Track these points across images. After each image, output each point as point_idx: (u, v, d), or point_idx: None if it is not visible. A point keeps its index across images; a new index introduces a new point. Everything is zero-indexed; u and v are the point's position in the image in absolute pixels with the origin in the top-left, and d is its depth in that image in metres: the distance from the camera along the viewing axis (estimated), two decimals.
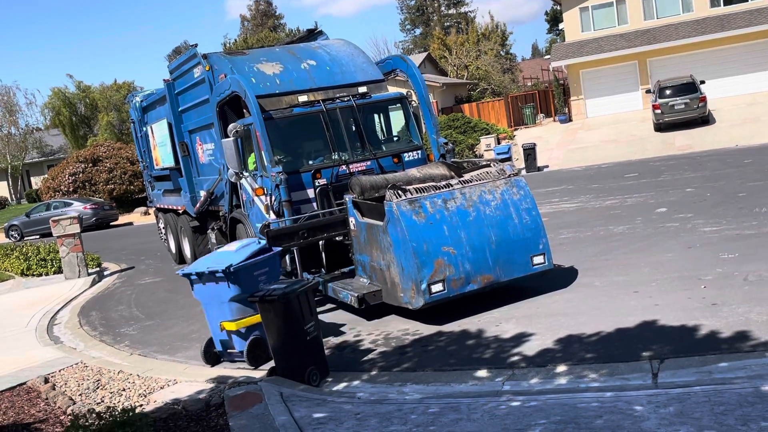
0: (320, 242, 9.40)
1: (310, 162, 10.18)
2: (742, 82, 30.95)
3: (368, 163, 10.30)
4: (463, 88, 44.47)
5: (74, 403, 6.78)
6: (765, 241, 9.43)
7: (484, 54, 48.57)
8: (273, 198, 9.64)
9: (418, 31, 70.48)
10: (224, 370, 7.56)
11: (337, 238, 9.51)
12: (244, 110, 10.71)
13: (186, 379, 7.32)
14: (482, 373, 6.51)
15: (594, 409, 5.11)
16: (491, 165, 9.18)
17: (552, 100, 37.20)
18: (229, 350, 7.65)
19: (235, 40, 58.86)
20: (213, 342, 7.79)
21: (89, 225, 28.99)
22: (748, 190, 13.61)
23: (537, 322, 7.61)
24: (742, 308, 6.94)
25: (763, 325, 6.43)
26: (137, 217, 34.14)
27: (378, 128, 11.19)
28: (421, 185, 8.55)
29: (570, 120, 33.89)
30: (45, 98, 57.64)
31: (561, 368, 6.30)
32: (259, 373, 7.13)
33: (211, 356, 7.80)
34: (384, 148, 10.79)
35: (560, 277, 9.31)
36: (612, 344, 6.68)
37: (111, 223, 31.66)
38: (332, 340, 8.20)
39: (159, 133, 14.39)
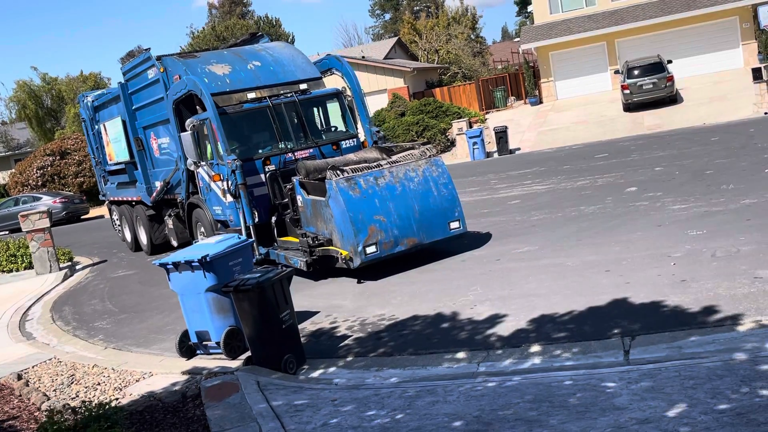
0: (272, 219, 11.04)
1: (260, 151, 11.45)
2: (709, 61, 31.31)
3: (311, 150, 11.71)
4: (434, 72, 44.44)
5: (48, 399, 6.72)
6: (732, 218, 9.60)
7: (454, 38, 48.58)
8: (229, 182, 10.75)
9: (387, 16, 70.25)
10: (200, 361, 7.53)
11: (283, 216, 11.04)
12: (198, 107, 11.94)
13: (162, 372, 7.29)
14: (458, 355, 6.57)
15: (568, 387, 5.19)
16: (415, 148, 10.80)
17: (522, 82, 37.35)
18: (204, 341, 7.62)
19: (203, 28, 58.17)
20: (188, 334, 7.75)
21: (59, 219, 28.59)
22: (715, 167, 13.83)
23: (511, 303, 7.69)
24: (711, 284, 7.07)
25: (730, 299, 6.56)
26: (107, 210, 33.69)
27: (318, 120, 12.51)
28: (356, 166, 10.07)
29: (540, 102, 34.06)
30: (10, 92, 56.49)
31: (535, 348, 6.38)
32: (235, 364, 7.12)
33: (187, 348, 7.77)
34: (324, 137, 12.20)
35: (533, 258, 9.41)
36: (584, 323, 6.77)
37: (82, 217, 31.26)
38: (308, 328, 8.21)
39: (113, 130, 15.64)
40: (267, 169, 11.21)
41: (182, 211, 13.41)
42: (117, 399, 6.53)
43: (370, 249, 9.52)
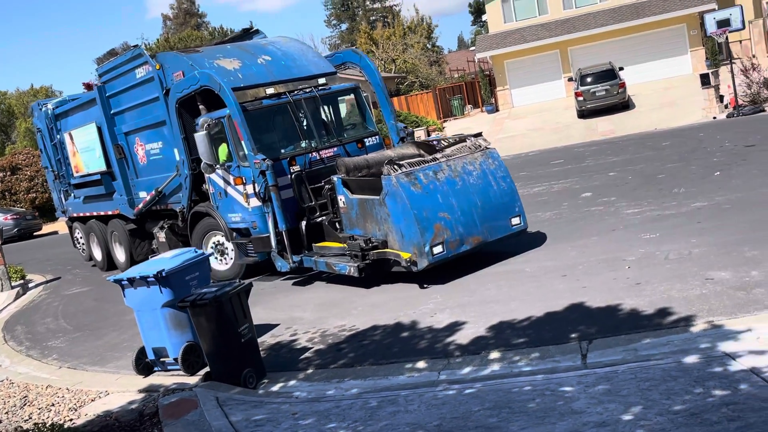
0: (301, 224, 10.20)
1: (283, 150, 10.65)
2: (659, 68, 32.08)
3: (335, 149, 10.99)
4: (391, 81, 44.62)
5: (0, 422, 6.52)
6: (683, 221, 9.80)
7: (410, 47, 48.87)
8: (257, 185, 10.00)
9: (344, 27, 70.33)
10: (158, 378, 7.40)
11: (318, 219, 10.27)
12: (202, 106, 10.94)
13: (118, 390, 7.15)
14: (419, 364, 6.58)
15: (527, 392, 5.24)
16: (466, 140, 10.07)
17: (479, 90, 37.74)
18: (162, 358, 7.49)
19: (157, 39, 57.47)
20: (145, 351, 7.61)
21: (11, 236, 27.86)
22: (667, 171, 14.13)
23: (470, 311, 7.72)
24: (664, 286, 7.21)
25: (683, 301, 6.70)
26: (62, 226, 32.95)
27: (338, 117, 11.77)
28: (411, 160, 9.31)
29: (497, 110, 34.45)
30: None
31: (494, 354, 6.42)
32: (194, 380, 7.01)
33: (144, 365, 7.62)
34: (345, 135, 11.45)
35: (492, 265, 9.47)
36: (543, 328, 6.84)
37: (34, 234, 30.49)
38: (268, 341, 8.13)
39: (82, 138, 14.25)
40: (292, 170, 10.41)
41: (181, 221, 12.16)
42: (72, 420, 6.38)
43: (437, 249, 8.79)
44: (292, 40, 12.39)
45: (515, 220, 9.70)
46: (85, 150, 14.32)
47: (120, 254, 14.64)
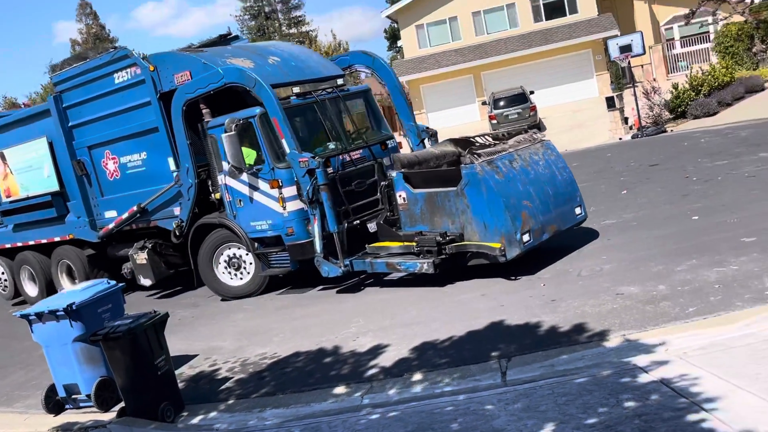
0: (343, 226, 9.66)
1: (316, 151, 10.05)
2: (567, 91, 33.34)
3: (361, 150, 10.64)
4: None
5: None
6: (594, 238, 10.14)
7: None
8: (301, 186, 9.49)
9: None
10: (70, 416, 7.08)
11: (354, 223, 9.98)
12: (206, 110, 10.39)
13: (27, 431, 6.79)
14: (341, 389, 6.54)
15: (449, 413, 5.28)
16: (523, 132, 10.13)
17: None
18: (74, 395, 7.16)
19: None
20: (55, 388, 7.27)
21: None
22: None
23: (392, 333, 7.75)
24: (578, 302, 7.44)
25: (596, 316, 6.92)
26: None
27: (359, 118, 11.49)
28: (489, 149, 9.24)
29: None
30: None
31: (417, 376, 6.45)
32: (109, 416, 6.75)
33: (54, 404, 7.27)
34: (366, 136, 11.14)
35: (413, 286, 9.54)
36: (463, 347, 6.93)
37: None
38: (186, 372, 7.91)
39: (25, 156, 12.98)
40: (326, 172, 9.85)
41: (175, 237, 11.04)
42: None
43: (525, 237, 8.60)
44: (292, 44, 11.95)
45: (578, 210, 9.76)
46: (24, 170, 13.04)
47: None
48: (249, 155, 10.08)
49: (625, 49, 21.96)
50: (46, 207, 12.93)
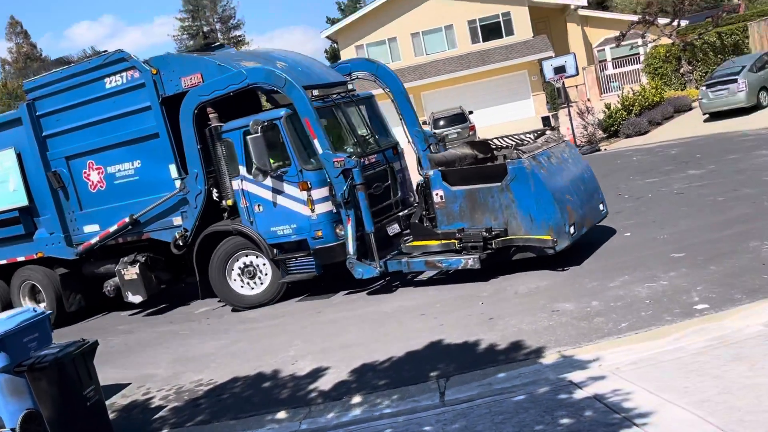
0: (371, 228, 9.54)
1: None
2: (505, 111, 34.00)
3: (376, 155, 10.57)
4: None
5: None
6: (530, 256, 10.27)
7: None
8: (335, 187, 9.43)
9: None
10: None
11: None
12: (212, 115, 10.15)
13: None
14: (280, 414, 6.43)
15: None
16: (545, 132, 10.47)
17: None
18: None
19: None
20: None
21: None
22: None
23: (332, 356, 7.67)
24: (515, 320, 7.51)
25: (533, 333, 7.00)
26: None
27: (370, 123, 11.34)
28: (528, 147, 9.57)
29: None
30: None
31: (356, 399, 6.39)
32: None
33: None
34: (377, 141, 11.08)
35: (354, 307, 9.49)
36: (403, 368, 6.91)
37: None
38: (118, 402, 7.65)
39: None
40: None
41: (177, 248, 10.61)
42: None
43: (572, 230, 8.80)
44: (290, 51, 11.79)
45: (601, 206, 10.03)
46: None
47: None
48: (272, 158, 9.89)
49: (559, 70, 22.47)
50: (11, 224, 12.07)
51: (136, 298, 11.24)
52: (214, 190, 10.54)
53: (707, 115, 21.86)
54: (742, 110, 21.00)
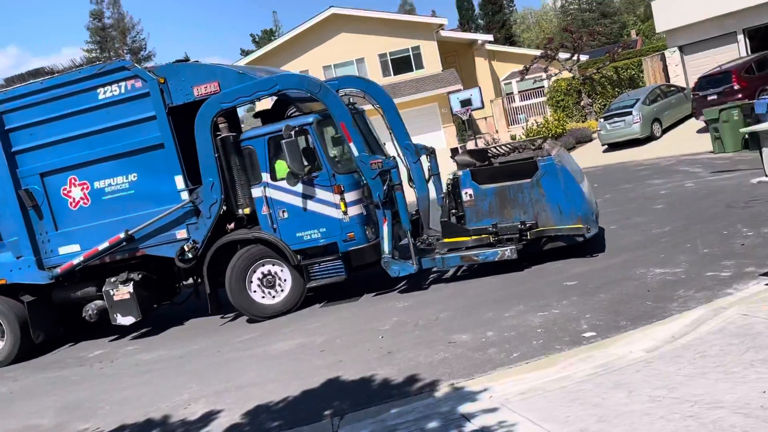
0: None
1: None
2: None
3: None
4: None
5: None
6: (435, 287, 10.35)
7: None
8: (371, 189, 9.81)
9: None
10: None
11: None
12: (223, 125, 10.30)
13: None
14: None
15: None
16: (548, 138, 11.61)
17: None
18: None
19: None
20: None
21: None
22: None
23: (226, 398, 7.43)
24: (412, 353, 7.49)
25: (428, 366, 6.99)
26: None
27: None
28: (550, 147, 10.66)
29: None
30: None
31: None
32: None
33: None
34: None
35: (254, 346, 9.27)
36: (298, 407, 6.75)
37: None
38: None
39: None
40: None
41: (183, 262, 10.41)
42: None
43: (596, 218, 9.73)
44: (275, 69, 12.36)
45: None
46: None
47: None
48: (283, 166, 10.05)
49: (465, 103, 23.06)
50: None
51: (127, 320, 10.80)
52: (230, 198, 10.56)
53: (606, 146, 22.83)
54: (637, 141, 22.04)
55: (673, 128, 23.48)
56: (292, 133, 9.67)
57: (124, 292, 10.70)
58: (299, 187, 10.08)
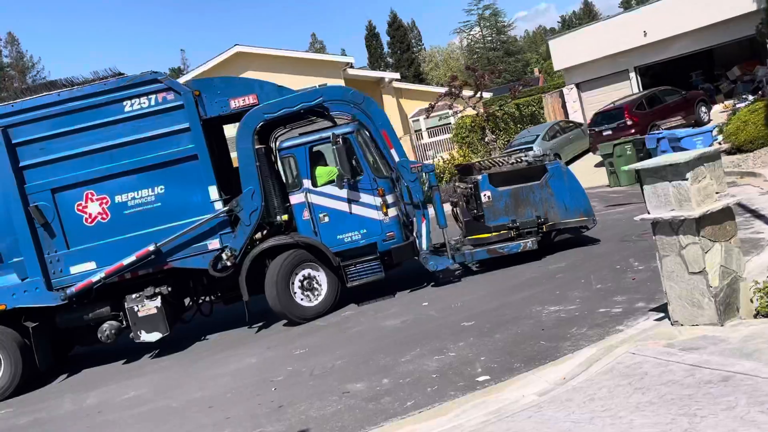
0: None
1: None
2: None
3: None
4: None
5: None
6: (333, 331, 10.00)
7: None
8: (411, 190, 10.84)
9: None
10: None
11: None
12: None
13: None
14: None
15: None
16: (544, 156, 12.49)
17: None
18: None
19: None
20: None
21: None
22: None
23: None
24: (304, 405, 7.10)
25: (320, 420, 6.63)
26: None
27: None
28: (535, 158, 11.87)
29: None
30: None
31: None
32: None
33: None
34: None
35: (139, 404, 8.65)
36: None
37: None
38: None
39: None
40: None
41: (219, 270, 10.48)
42: None
43: (594, 213, 11.25)
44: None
45: None
46: None
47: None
48: (324, 173, 10.72)
49: None
50: None
51: (153, 336, 10.49)
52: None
53: None
54: None
55: (572, 162, 24.16)
56: (339, 139, 10.36)
57: (150, 307, 10.46)
58: (342, 192, 10.65)
